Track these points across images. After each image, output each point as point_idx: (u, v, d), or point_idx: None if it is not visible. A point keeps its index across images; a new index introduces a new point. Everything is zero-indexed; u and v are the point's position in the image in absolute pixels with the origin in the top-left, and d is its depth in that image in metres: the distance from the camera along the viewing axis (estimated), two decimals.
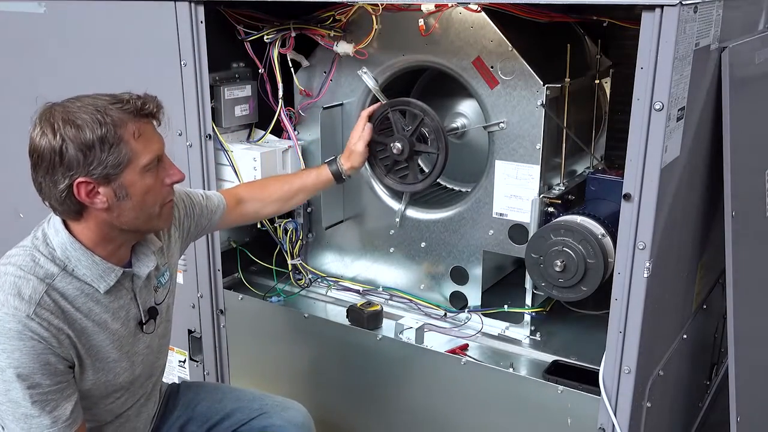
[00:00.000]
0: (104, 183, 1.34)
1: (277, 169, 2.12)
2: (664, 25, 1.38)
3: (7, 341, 1.31)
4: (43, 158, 1.33)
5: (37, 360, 1.33)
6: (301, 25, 2.03)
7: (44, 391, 1.35)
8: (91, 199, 1.36)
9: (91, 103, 1.35)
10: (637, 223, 1.50)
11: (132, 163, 1.36)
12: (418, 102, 1.99)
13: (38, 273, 1.38)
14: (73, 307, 1.40)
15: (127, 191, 1.37)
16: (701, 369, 2.33)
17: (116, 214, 1.39)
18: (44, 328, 1.34)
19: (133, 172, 1.36)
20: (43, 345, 1.34)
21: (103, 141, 1.31)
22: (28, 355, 1.32)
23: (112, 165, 1.33)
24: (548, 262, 1.75)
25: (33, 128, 1.35)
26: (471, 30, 1.87)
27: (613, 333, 1.60)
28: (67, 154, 1.31)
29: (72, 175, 1.32)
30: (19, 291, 1.34)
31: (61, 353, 1.37)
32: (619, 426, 1.63)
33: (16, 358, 1.31)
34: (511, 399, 1.81)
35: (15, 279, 1.36)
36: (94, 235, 1.42)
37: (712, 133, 1.76)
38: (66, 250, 1.40)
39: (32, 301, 1.34)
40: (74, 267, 1.41)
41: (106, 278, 1.44)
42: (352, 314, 2.06)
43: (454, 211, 2.04)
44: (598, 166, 2.15)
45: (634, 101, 1.45)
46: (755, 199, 1.96)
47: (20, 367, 1.32)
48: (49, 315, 1.35)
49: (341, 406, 2.13)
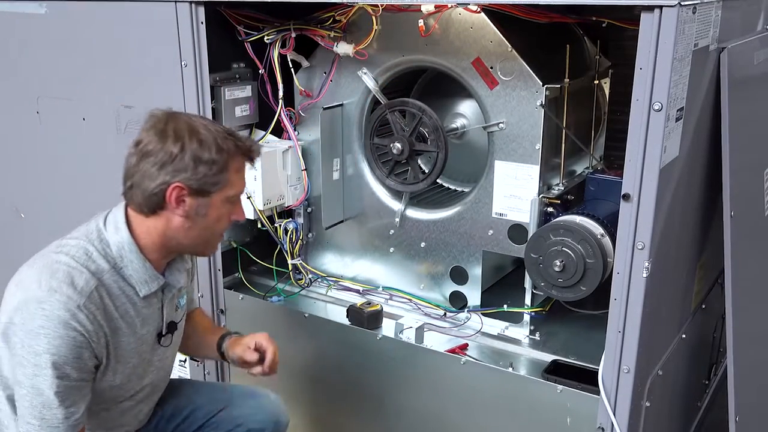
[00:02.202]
0: (194, 195, 1.44)
1: (278, 169, 2.13)
2: (663, 25, 1.38)
3: (52, 328, 1.35)
4: (155, 153, 1.40)
5: (74, 352, 1.37)
6: (301, 26, 2.04)
7: (69, 384, 1.38)
8: (177, 205, 1.43)
9: (212, 128, 1.46)
10: (636, 223, 1.51)
11: (223, 190, 1.46)
12: (415, 101, 2.00)
13: (90, 267, 1.42)
14: (113, 305, 1.45)
15: (207, 211, 1.47)
16: (700, 368, 2.33)
17: (187, 226, 1.47)
18: (90, 321, 1.38)
19: (219, 198, 1.47)
20: (84, 338, 1.38)
21: (214, 163, 1.42)
22: (68, 345, 1.36)
23: (210, 184, 1.44)
24: (547, 262, 1.75)
25: (150, 123, 1.43)
26: (471, 30, 1.88)
27: (613, 333, 1.60)
28: (181, 160, 1.40)
29: (175, 177, 1.40)
30: (73, 281, 1.38)
31: (95, 349, 1.41)
32: (619, 425, 1.64)
33: (55, 346, 1.34)
34: (510, 398, 1.82)
35: (69, 269, 1.40)
36: (155, 237, 1.48)
37: (710, 134, 1.77)
38: (122, 249, 1.46)
39: (83, 293, 1.38)
40: (124, 266, 1.46)
41: (150, 283, 1.50)
42: (352, 314, 2.06)
43: (454, 211, 2.05)
44: (598, 166, 2.15)
45: (633, 101, 1.45)
46: (754, 199, 1.96)
47: (57, 354, 1.35)
48: (96, 309, 1.40)
49: (341, 406, 2.14)
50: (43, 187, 2.57)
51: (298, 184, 2.19)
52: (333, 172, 2.19)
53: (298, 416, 2.22)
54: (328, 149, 2.16)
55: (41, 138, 2.49)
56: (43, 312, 1.35)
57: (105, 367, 1.47)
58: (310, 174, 2.19)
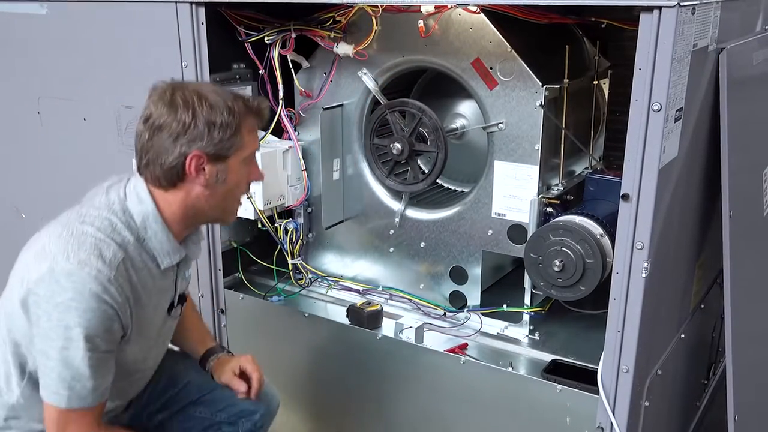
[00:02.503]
0: (213, 161, 1.42)
1: (278, 170, 2.13)
2: (663, 26, 1.39)
3: (83, 301, 1.33)
4: (168, 126, 1.39)
5: (105, 324, 1.37)
6: (301, 27, 2.04)
7: (100, 356, 1.38)
8: (197, 174, 1.42)
9: (220, 91, 1.45)
10: (635, 223, 1.51)
11: (239, 151, 1.45)
12: (415, 102, 2.00)
13: (116, 238, 1.41)
14: (137, 277, 1.44)
15: (226, 177, 1.45)
16: (699, 368, 2.34)
17: (208, 194, 1.46)
18: (119, 294, 1.38)
19: (237, 159, 1.45)
20: (114, 311, 1.38)
21: (228, 126, 1.41)
22: (100, 318, 1.35)
23: (227, 148, 1.42)
24: (547, 262, 1.76)
25: (156, 96, 1.42)
26: (470, 31, 1.88)
27: (612, 332, 1.61)
28: (195, 128, 1.38)
29: (191, 146, 1.39)
30: (101, 253, 1.37)
31: (123, 321, 1.41)
32: (618, 425, 1.64)
33: (87, 319, 1.34)
34: (510, 398, 1.82)
35: (95, 240, 1.38)
36: (176, 209, 1.46)
37: (709, 134, 1.77)
38: (146, 220, 1.45)
39: (112, 266, 1.37)
40: (148, 238, 1.45)
41: (172, 255, 1.50)
42: (352, 314, 2.07)
43: (454, 211, 2.05)
44: (597, 166, 2.16)
45: (633, 102, 1.46)
46: (753, 199, 1.97)
47: (89, 327, 1.34)
48: (123, 282, 1.40)
49: (341, 405, 2.14)
50: (44, 187, 2.58)
51: (298, 184, 2.19)
52: (333, 172, 2.20)
53: (298, 416, 2.23)
54: (328, 149, 2.17)
55: (42, 138, 2.49)
56: (73, 285, 1.33)
57: (127, 339, 1.46)
58: (310, 174, 2.19)
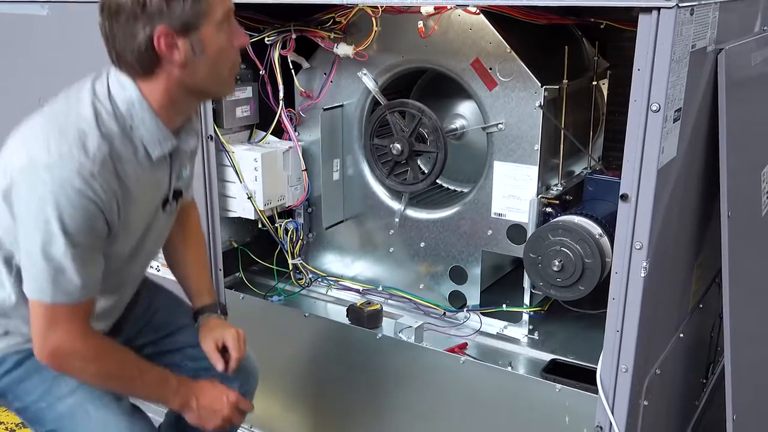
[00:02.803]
0: (183, 34, 1.32)
1: (278, 170, 2.14)
2: (661, 27, 1.39)
3: (64, 196, 1.28)
4: (123, 9, 1.30)
5: (87, 221, 1.31)
6: (301, 27, 2.05)
7: (83, 251, 1.33)
8: (170, 52, 1.32)
9: None
10: (634, 223, 1.52)
11: (209, 15, 1.34)
12: (415, 102, 2.01)
13: (101, 129, 1.33)
14: (125, 171, 1.37)
15: (204, 47, 1.35)
16: (698, 367, 2.34)
17: (191, 71, 1.36)
18: (104, 190, 1.32)
19: (209, 27, 1.34)
20: (97, 208, 1.32)
21: None
22: (82, 215, 1.30)
23: (193, 15, 1.31)
24: (546, 262, 1.76)
25: None
26: (470, 32, 1.89)
27: (611, 332, 1.61)
28: (151, 4, 1.29)
29: (153, 24, 1.29)
30: (84, 144, 1.30)
31: (108, 218, 1.35)
32: (617, 424, 1.65)
33: (69, 214, 1.29)
34: (509, 397, 1.83)
35: (79, 132, 1.31)
36: (162, 96, 1.38)
37: (708, 134, 1.78)
38: (132, 108, 1.37)
39: (96, 160, 1.30)
40: (135, 127, 1.37)
41: (163, 144, 1.42)
42: (352, 313, 2.07)
43: (454, 212, 2.06)
44: (596, 166, 2.16)
45: (631, 102, 1.46)
46: (751, 200, 1.97)
47: (70, 223, 1.29)
48: (109, 177, 1.33)
49: (341, 405, 2.15)
50: None
51: (298, 184, 2.20)
52: (333, 172, 2.21)
53: (297, 415, 2.24)
54: (329, 150, 2.18)
55: None
56: (54, 179, 1.27)
57: (114, 236, 1.40)
58: (310, 174, 2.20)
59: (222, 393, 1.60)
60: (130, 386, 1.51)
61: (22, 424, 2.47)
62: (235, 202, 2.16)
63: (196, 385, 1.59)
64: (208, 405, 1.58)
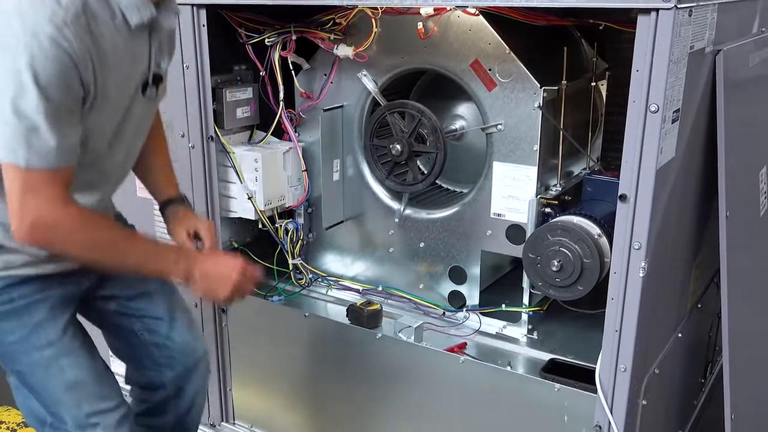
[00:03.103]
0: None
1: (279, 170, 2.14)
2: (660, 28, 1.40)
3: (36, 44, 1.21)
4: None
5: (61, 74, 1.24)
6: (301, 28, 2.05)
7: (56, 109, 1.25)
8: None
9: None
10: (633, 223, 1.52)
11: None
12: (415, 103, 2.02)
13: None
14: (100, 31, 1.31)
15: None
16: (696, 367, 2.35)
17: None
18: (77, 42, 1.25)
19: None
20: (71, 61, 1.25)
21: None
22: (54, 66, 1.23)
23: None
24: (545, 262, 1.77)
25: None
26: (469, 33, 1.89)
27: (610, 332, 1.62)
28: None
29: None
30: None
31: (83, 77, 1.29)
32: (615, 424, 1.65)
33: (41, 64, 1.21)
34: (508, 397, 1.83)
35: None
36: None
37: (706, 135, 1.78)
38: None
39: (69, 10, 1.24)
40: None
41: (141, 11, 1.36)
42: (352, 313, 2.08)
43: (453, 212, 2.06)
44: (595, 167, 2.17)
45: (630, 103, 1.47)
46: (749, 200, 1.98)
47: (42, 74, 1.22)
48: (82, 31, 1.26)
49: (341, 405, 2.15)
50: None
51: (298, 184, 2.21)
52: (333, 172, 2.21)
53: (297, 415, 2.24)
54: (329, 150, 2.18)
55: None
56: (23, 26, 1.21)
57: (91, 104, 1.33)
58: (310, 175, 2.21)
59: (226, 258, 1.52)
60: (123, 256, 1.43)
61: (23, 424, 2.48)
62: (236, 202, 2.16)
63: (196, 253, 1.52)
64: (214, 272, 1.48)
